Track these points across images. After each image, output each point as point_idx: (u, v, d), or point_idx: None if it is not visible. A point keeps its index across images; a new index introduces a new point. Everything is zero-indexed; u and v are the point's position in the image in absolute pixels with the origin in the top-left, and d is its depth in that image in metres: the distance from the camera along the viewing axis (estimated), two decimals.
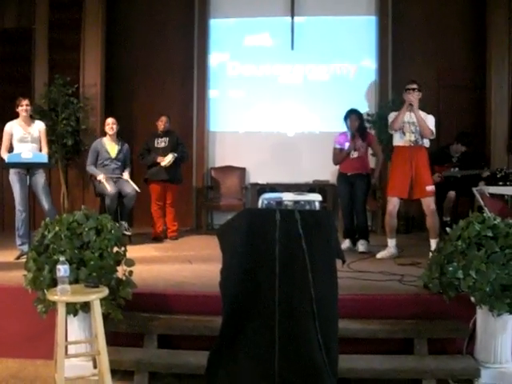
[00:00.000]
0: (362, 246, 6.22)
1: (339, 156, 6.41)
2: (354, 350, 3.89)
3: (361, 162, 6.32)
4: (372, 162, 6.94)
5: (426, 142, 5.72)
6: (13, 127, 6.06)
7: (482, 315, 3.88)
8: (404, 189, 5.69)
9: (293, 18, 8.42)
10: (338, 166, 6.53)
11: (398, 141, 5.76)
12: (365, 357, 3.86)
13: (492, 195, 5.59)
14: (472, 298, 3.83)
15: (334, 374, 3.10)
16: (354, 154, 6.30)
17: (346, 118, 6.41)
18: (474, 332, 3.97)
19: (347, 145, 6.31)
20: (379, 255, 5.90)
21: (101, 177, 6.70)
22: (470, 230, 3.88)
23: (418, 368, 3.75)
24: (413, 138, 5.65)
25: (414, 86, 5.71)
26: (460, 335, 4.01)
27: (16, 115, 6.13)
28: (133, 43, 8.60)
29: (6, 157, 5.85)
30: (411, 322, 4.08)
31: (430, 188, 5.67)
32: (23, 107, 6.06)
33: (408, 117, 5.69)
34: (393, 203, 5.79)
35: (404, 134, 5.68)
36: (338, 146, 6.42)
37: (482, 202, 5.66)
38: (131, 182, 6.82)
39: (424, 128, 5.62)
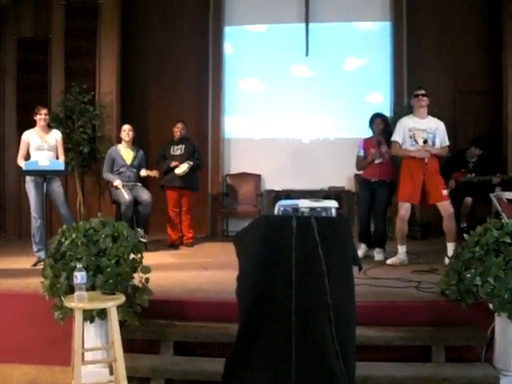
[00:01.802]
0: (378, 254, 6.16)
1: (363, 162, 6.31)
2: (370, 357, 3.86)
3: (385, 168, 6.20)
4: None
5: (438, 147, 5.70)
6: (30, 136, 6.11)
7: (500, 322, 3.84)
8: (415, 195, 5.65)
9: (307, 25, 8.42)
10: (355, 172, 6.48)
11: (409, 148, 5.71)
12: (382, 364, 3.83)
13: (510, 201, 5.53)
14: (490, 305, 3.79)
15: (352, 382, 3.08)
16: (379, 160, 6.20)
17: (371, 121, 6.34)
18: (493, 339, 3.92)
19: (372, 151, 6.22)
20: (389, 261, 5.86)
21: (117, 182, 6.74)
22: (488, 236, 3.84)
23: (435, 376, 3.70)
24: (425, 144, 5.61)
25: (423, 92, 5.70)
26: (478, 343, 3.97)
27: (34, 123, 6.18)
28: (148, 50, 8.65)
29: (22, 164, 5.90)
30: (428, 329, 4.05)
31: (445, 192, 5.63)
32: (42, 116, 6.11)
33: (418, 124, 5.65)
34: (404, 208, 5.75)
35: (416, 141, 5.64)
36: (362, 153, 6.33)
37: (499, 208, 5.60)
38: (149, 172, 6.94)
39: (443, 155, 5.75)
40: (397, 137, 5.82)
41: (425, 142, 5.60)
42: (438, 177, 5.64)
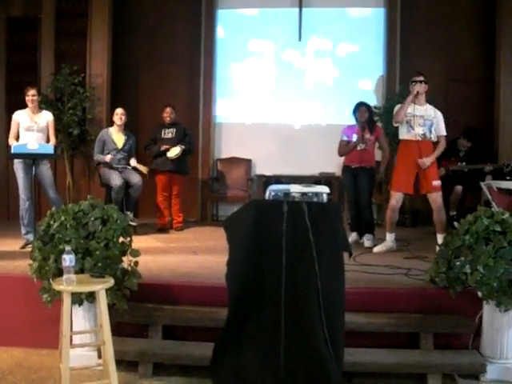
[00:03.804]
0: (367, 240, 6.17)
1: (346, 148, 6.33)
2: (359, 343, 3.88)
3: (366, 154, 6.24)
4: (378, 156, 6.87)
5: (434, 137, 5.66)
6: (20, 116, 6.05)
7: (488, 310, 3.87)
8: (409, 184, 5.62)
9: (301, 9, 8.35)
10: (343, 159, 6.49)
11: (405, 134, 5.66)
12: (370, 351, 3.85)
13: (500, 189, 5.54)
14: (479, 293, 3.82)
15: (340, 367, 3.09)
16: (362, 146, 6.22)
17: (355, 110, 6.35)
18: (481, 327, 3.95)
19: (355, 136, 6.24)
20: (376, 249, 5.86)
21: (108, 157, 6.73)
22: (478, 225, 3.86)
23: (423, 362, 3.73)
24: (421, 132, 5.57)
25: (421, 78, 5.62)
26: (466, 330, 4.00)
27: (24, 104, 6.12)
28: (139, 33, 8.55)
29: (13, 145, 5.84)
30: (417, 316, 4.07)
31: (437, 183, 5.60)
32: (29, 97, 6.05)
33: (416, 110, 5.61)
34: (396, 198, 5.73)
35: (412, 127, 5.60)
36: (345, 138, 6.35)
37: (489, 197, 5.61)
38: (140, 166, 6.89)
39: (441, 152, 5.70)
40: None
41: None
42: (431, 167, 5.60)
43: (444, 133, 5.69)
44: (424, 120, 5.59)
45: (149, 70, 8.56)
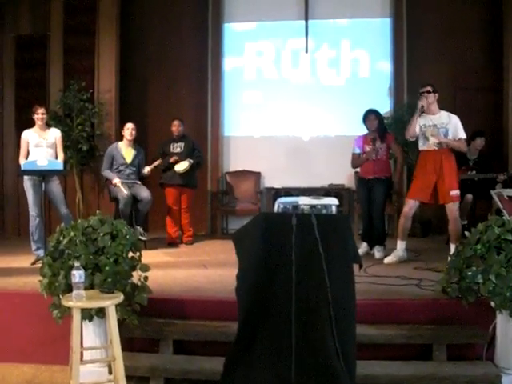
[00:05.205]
0: (378, 252, 6.12)
1: (358, 161, 6.30)
2: (371, 356, 3.84)
3: (380, 165, 6.17)
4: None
5: None
6: (28, 134, 6.10)
7: (502, 320, 3.82)
8: (426, 193, 5.56)
9: (307, 22, 8.38)
10: (354, 170, 6.44)
11: (422, 146, 5.62)
12: (382, 363, 3.81)
13: (511, 198, 5.50)
14: (492, 303, 3.77)
15: (352, 380, 3.06)
16: (373, 157, 6.15)
17: (364, 118, 6.28)
18: (494, 337, 3.90)
19: (367, 147, 6.19)
20: (386, 260, 5.80)
21: (116, 180, 6.70)
22: (490, 234, 3.82)
23: (436, 374, 3.68)
24: (436, 141, 5.52)
25: (428, 89, 5.60)
26: (480, 341, 3.95)
27: (32, 121, 6.16)
28: (147, 48, 8.62)
29: (22, 162, 5.89)
30: (430, 327, 4.03)
31: (455, 193, 5.51)
32: (39, 115, 6.10)
33: (429, 120, 5.58)
34: (409, 205, 5.68)
35: (427, 138, 5.55)
36: (357, 151, 6.29)
37: (500, 205, 5.57)
38: (153, 165, 7.06)
39: (457, 147, 5.56)
40: None
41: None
42: (450, 177, 5.52)
43: (462, 136, 5.55)
44: (438, 129, 5.54)
45: (157, 85, 8.62)
